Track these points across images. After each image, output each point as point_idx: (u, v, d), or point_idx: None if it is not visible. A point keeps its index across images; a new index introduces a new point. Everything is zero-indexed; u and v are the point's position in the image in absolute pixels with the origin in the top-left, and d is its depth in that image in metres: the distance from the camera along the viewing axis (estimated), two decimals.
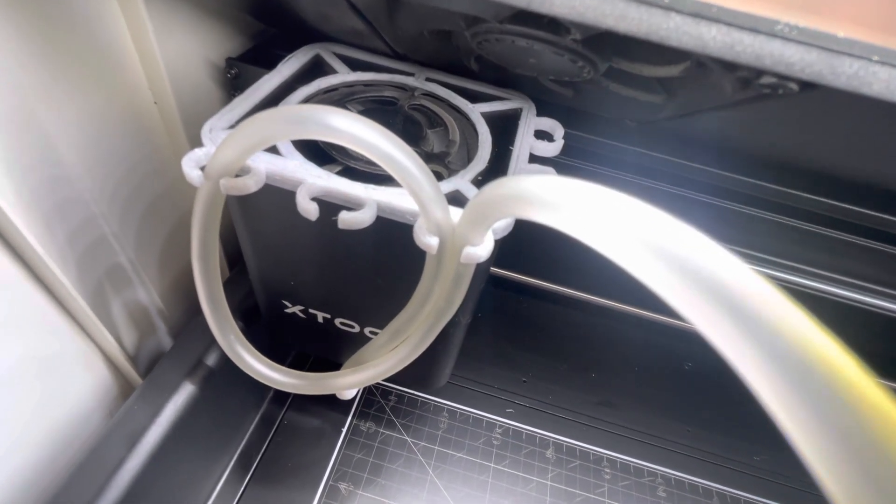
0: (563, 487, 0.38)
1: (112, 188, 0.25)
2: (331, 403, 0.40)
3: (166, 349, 0.34)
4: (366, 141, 0.16)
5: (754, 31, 0.12)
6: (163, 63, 0.25)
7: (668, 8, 0.12)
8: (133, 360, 0.30)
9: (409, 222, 0.19)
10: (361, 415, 0.40)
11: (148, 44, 0.25)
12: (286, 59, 0.27)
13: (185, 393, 0.29)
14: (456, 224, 0.18)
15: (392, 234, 0.20)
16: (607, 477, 0.40)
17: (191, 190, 0.31)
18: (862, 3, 0.10)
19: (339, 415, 0.40)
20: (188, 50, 0.27)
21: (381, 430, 0.39)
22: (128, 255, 0.28)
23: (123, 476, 0.25)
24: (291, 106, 0.16)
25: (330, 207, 0.19)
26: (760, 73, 0.14)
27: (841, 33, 0.11)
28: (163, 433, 0.27)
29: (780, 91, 0.14)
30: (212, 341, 0.31)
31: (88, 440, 0.29)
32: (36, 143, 0.21)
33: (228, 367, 0.32)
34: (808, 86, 0.14)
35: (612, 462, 0.41)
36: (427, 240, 0.18)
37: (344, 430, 0.39)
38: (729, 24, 0.12)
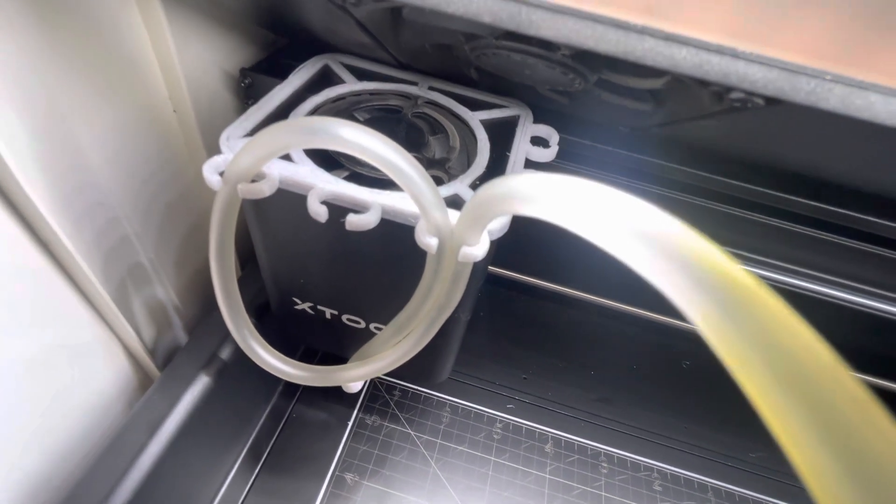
0: (562, 481, 0.40)
1: (134, 192, 0.27)
2: (337, 397, 0.42)
3: (182, 343, 0.36)
4: (372, 151, 0.17)
5: (719, 52, 0.14)
6: (182, 74, 0.27)
7: (641, 32, 0.14)
8: (151, 353, 0.32)
9: (410, 224, 0.21)
10: (367, 409, 0.41)
11: (168, 55, 0.26)
12: (297, 69, 0.28)
13: (200, 385, 0.31)
14: (454, 225, 0.19)
15: (395, 235, 0.21)
16: (604, 471, 0.41)
17: (206, 193, 0.33)
18: (806, 35, 0.11)
19: (346, 408, 0.41)
20: (205, 60, 0.29)
21: (386, 424, 0.41)
22: (147, 255, 0.29)
23: (144, 461, 0.26)
24: (305, 118, 0.18)
25: (338, 210, 0.21)
26: (729, 89, 0.15)
27: (792, 60, 0.12)
28: (180, 422, 0.29)
29: (749, 105, 0.16)
30: (226, 336, 0.33)
31: (111, 427, 0.30)
32: (69, 150, 0.22)
33: (241, 361, 0.33)
34: (772, 101, 0.15)
35: (609, 457, 0.42)
36: (427, 240, 0.20)
37: (350, 423, 0.40)
38: (697, 46, 0.14)
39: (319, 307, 0.29)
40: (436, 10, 0.15)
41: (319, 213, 0.20)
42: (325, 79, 0.29)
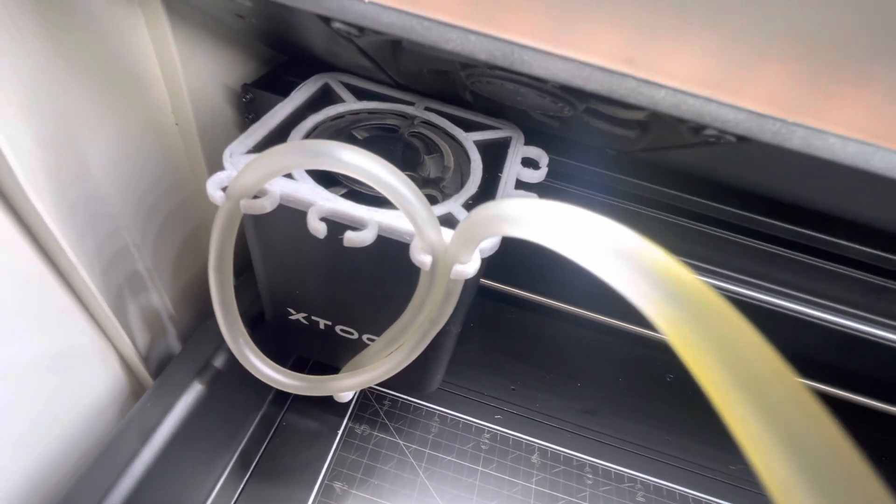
0: (547, 491, 0.40)
1: (135, 203, 0.28)
2: (327, 406, 0.42)
3: (175, 352, 0.36)
4: (371, 174, 0.18)
5: (694, 95, 0.15)
6: (185, 88, 0.28)
7: (624, 75, 0.15)
8: (145, 360, 0.32)
9: (406, 241, 0.22)
10: (356, 418, 0.42)
11: (173, 70, 0.27)
12: (298, 87, 0.29)
13: (193, 392, 0.31)
14: (447, 244, 0.20)
15: (390, 251, 0.22)
16: (589, 482, 0.42)
17: (202, 205, 0.34)
18: (769, 87, 0.12)
19: (336, 417, 0.42)
20: (207, 75, 0.30)
21: (375, 433, 0.41)
22: (145, 264, 0.30)
23: (137, 468, 0.27)
24: (308, 140, 0.19)
25: (336, 226, 0.22)
26: (704, 126, 0.16)
27: (758, 109, 0.13)
28: (173, 429, 0.29)
29: (722, 140, 0.17)
30: (219, 345, 0.33)
31: (104, 433, 0.30)
32: (75, 162, 0.23)
33: (234, 370, 0.34)
34: (742, 138, 0.16)
35: (594, 468, 0.43)
36: (421, 258, 0.20)
37: (339, 432, 0.41)
38: (674, 89, 0.15)
39: (314, 318, 0.30)
40: (435, 46, 0.16)
41: (319, 229, 0.21)
42: (324, 97, 0.30)
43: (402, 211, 0.20)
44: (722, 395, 0.09)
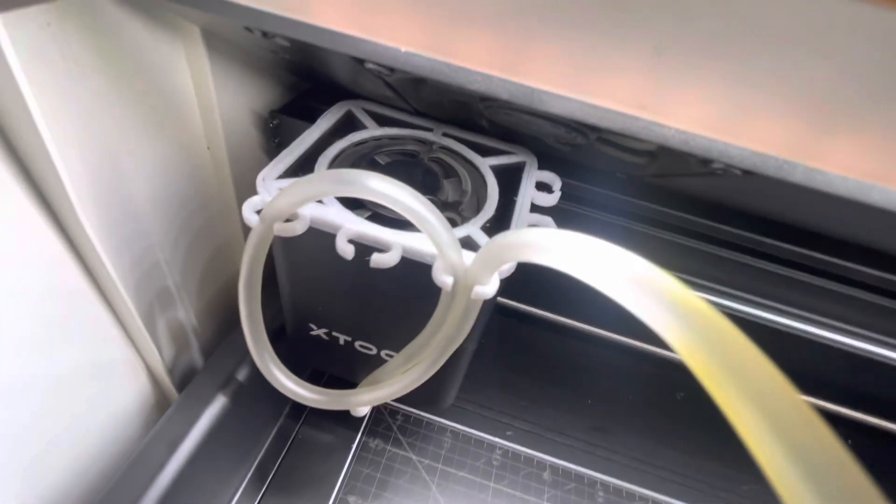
0: None
1: (168, 222, 0.29)
2: (342, 420, 0.43)
3: (197, 365, 0.37)
4: (397, 200, 0.20)
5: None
6: (218, 115, 0.30)
7: (635, 116, 0.16)
8: (170, 373, 0.33)
9: (428, 262, 0.23)
10: (370, 432, 0.43)
11: (208, 99, 0.29)
12: (323, 115, 0.31)
13: (217, 405, 0.32)
14: (468, 266, 0.22)
15: (413, 272, 0.23)
16: (600, 500, 0.42)
17: (228, 224, 0.36)
18: (770, 132, 0.13)
19: (350, 431, 0.42)
20: (238, 102, 0.32)
21: (389, 448, 0.42)
22: (174, 280, 0.31)
23: (164, 478, 0.28)
24: (338, 170, 0.20)
25: (361, 248, 0.23)
26: (711, 160, 0.18)
27: (760, 150, 0.14)
28: (198, 441, 0.30)
29: (728, 172, 0.18)
30: (241, 359, 0.35)
31: (129, 442, 0.32)
32: (118, 182, 0.25)
33: (254, 384, 0.35)
34: (747, 172, 0.17)
35: (605, 486, 0.43)
36: (443, 279, 0.22)
37: (354, 446, 0.42)
38: (683, 131, 0.16)
39: (335, 333, 0.31)
40: (461, 87, 0.17)
41: (347, 251, 0.22)
42: (348, 123, 0.32)
43: (426, 234, 0.21)
44: (734, 409, 0.10)
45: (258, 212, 0.23)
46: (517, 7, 0.13)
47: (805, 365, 0.39)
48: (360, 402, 0.29)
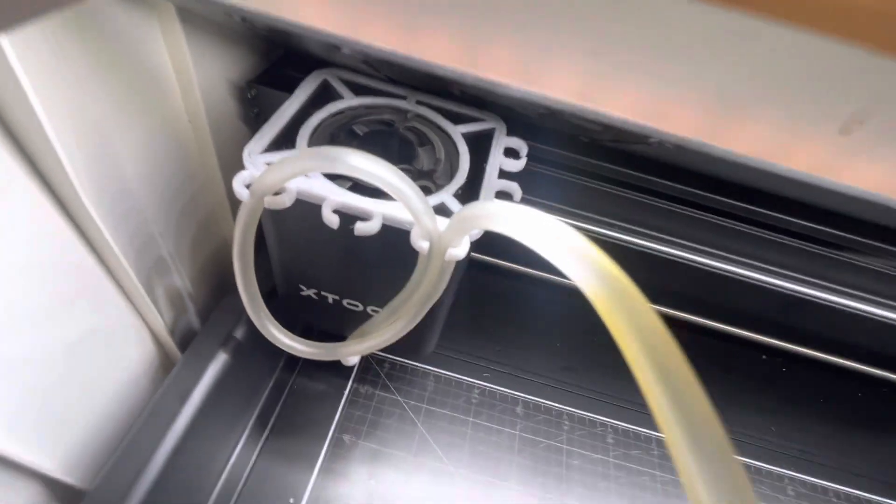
0: (529, 436, 0.46)
1: (158, 196, 0.31)
2: (333, 371, 0.47)
3: (195, 327, 0.40)
4: (377, 176, 0.22)
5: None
6: (197, 87, 0.31)
7: (575, 104, 0.19)
8: (172, 335, 0.36)
9: (406, 229, 0.26)
10: (360, 380, 0.47)
11: (186, 72, 0.30)
12: (300, 85, 0.32)
13: (219, 361, 0.35)
14: (442, 232, 0.24)
15: (393, 238, 0.26)
16: (566, 428, 0.48)
17: (213, 194, 0.37)
18: (692, 116, 0.16)
19: (341, 380, 0.46)
20: (215, 74, 0.32)
21: (378, 393, 0.46)
22: (168, 250, 0.33)
23: (178, 426, 0.31)
24: (323, 148, 0.22)
25: (345, 216, 0.25)
26: (647, 136, 0.20)
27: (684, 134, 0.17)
28: (205, 393, 0.33)
29: (664, 144, 0.21)
30: (238, 319, 0.37)
31: (138, 402, 0.35)
32: (111, 162, 0.26)
33: (251, 341, 0.38)
34: (678, 146, 0.20)
35: (570, 415, 0.49)
36: (420, 244, 0.24)
37: (345, 392, 0.46)
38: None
39: (323, 293, 0.34)
40: (429, 73, 0.19)
41: (332, 220, 0.24)
42: (324, 93, 0.33)
43: (403, 205, 0.23)
44: (624, 339, 0.14)
45: (248, 186, 0.25)
46: (477, 13, 0.15)
47: (736, 302, 0.44)
48: (350, 352, 0.33)
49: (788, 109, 0.15)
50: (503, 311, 0.56)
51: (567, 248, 0.16)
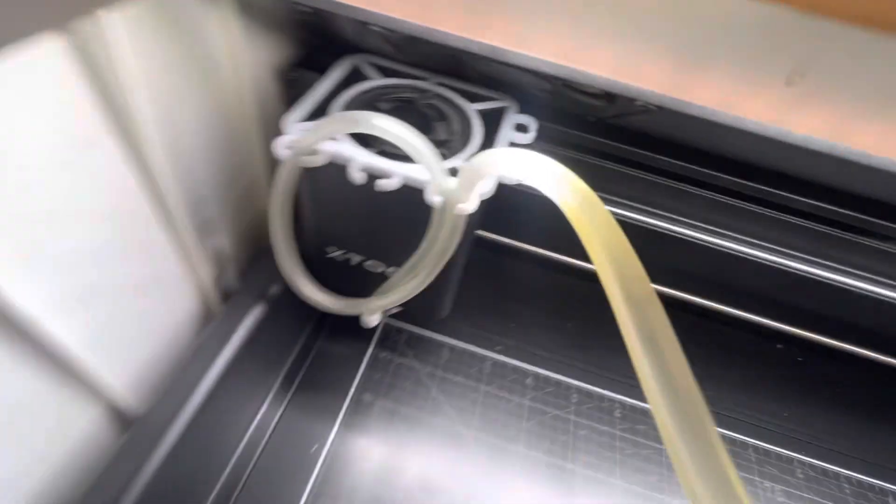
0: (539, 406, 0.49)
1: (209, 163, 0.35)
2: (355, 336, 0.50)
3: (234, 285, 0.45)
4: (395, 134, 0.25)
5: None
6: (247, 72, 0.35)
7: (562, 65, 0.22)
8: (216, 289, 0.40)
9: (422, 187, 0.29)
10: (380, 345, 0.50)
11: (239, 58, 0.34)
12: (333, 67, 0.36)
13: (254, 317, 0.39)
14: (453, 188, 0.28)
15: (411, 196, 0.29)
16: (574, 400, 0.50)
17: (254, 166, 0.42)
18: (662, 75, 0.19)
19: (362, 344, 0.50)
20: (261, 59, 0.37)
21: (396, 358, 0.50)
22: (215, 211, 0.38)
23: (215, 370, 0.35)
24: (352, 111, 0.26)
25: (370, 178, 0.29)
26: (633, 99, 0.23)
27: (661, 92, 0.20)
28: (240, 344, 0.37)
29: (649, 109, 0.24)
30: (272, 279, 0.42)
31: (184, 346, 0.39)
32: (175, 128, 0.30)
33: (283, 301, 0.42)
34: (660, 107, 0.23)
35: (579, 390, 0.51)
36: (434, 198, 0.28)
37: (366, 357, 0.49)
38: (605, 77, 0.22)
39: (349, 254, 0.37)
40: (444, 44, 0.22)
41: (358, 178, 0.28)
42: (355, 74, 0.37)
43: (419, 162, 0.27)
44: (597, 255, 0.17)
45: (289, 148, 0.29)
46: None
47: (739, 280, 0.46)
48: (373, 307, 0.36)
49: (740, 65, 0.18)
50: (517, 290, 0.58)
51: (550, 174, 0.19)
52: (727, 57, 0.17)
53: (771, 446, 0.50)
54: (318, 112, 0.33)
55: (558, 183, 0.18)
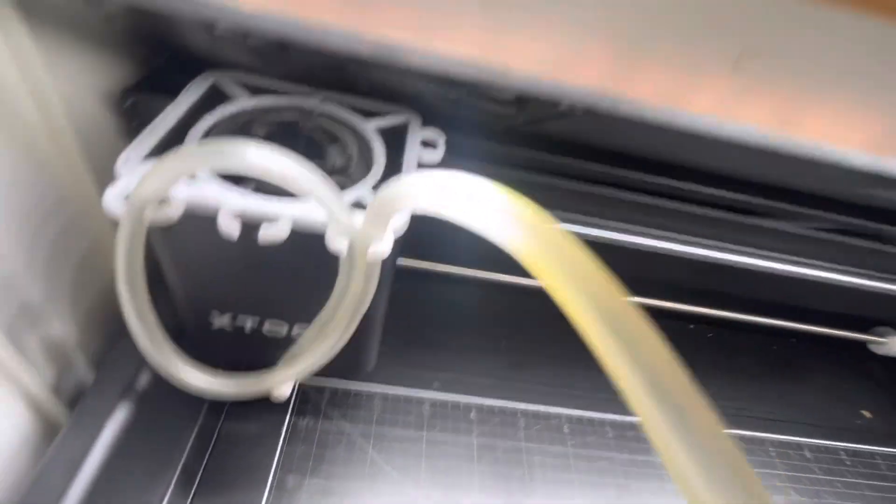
0: (487, 441, 0.45)
1: (16, 228, 0.26)
2: (268, 409, 0.42)
3: (88, 380, 0.34)
4: (273, 168, 0.19)
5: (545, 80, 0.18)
6: (56, 97, 0.26)
7: (483, 67, 0.17)
8: (57, 394, 0.30)
9: (321, 231, 0.23)
10: (299, 412, 0.43)
11: (39, 79, 0.25)
12: (185, 89, 0.28)
13: (118, 418, 0.30)
14: (360, 227, 0.22)
15: (308, 243, 0.23)
16: (522, 425, 0.46)
17: (94, 220, 0.32)
18: (598, 70, 0.16)
19: (278, 416, 0.42)
20: (80, 81, 0.28)
21: (320, 424, 0.42)
22: (37, 291, 0.28)
23: (78, 485, 0.26)
24: (209, 140, 0.19)
25: (248, 224, 0.22)
26: (557, 103, 0.20)
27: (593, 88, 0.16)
28: (101, 459, 0.28)
29: (574, 112, 0.20)
30: (139, 364, 0.32)
31: (18, 479, 0.28)
32: None
33: (159, 388, 0.33)
34: (588, 111, 0.20)
35: (524, 413, 0.47)
36: (338, 245, 0.22)
37: (283, 429, 0.41)
38: (527, 75, 0.18)
39: (240, 318, 0.30)
40: (320, 46, 0.17)
41: (231, 231, 0.21)
42: (216, 96, 0.30)
43: (313, 199, 0.21)
44: (563, 295, 0.13)
45: (126, 200, 0.21)
46: None
47: (657, 273, 0.46)
48: (280, 379, 0.29)
49: (684, 51, 0.15)
50: (444, 316, 0.54)
51: (497, 210, 0.14)
52: (668, 42, 0.14)
53: None
54: (169, 146, 0.25)
55: (503, 218, 0.14)
